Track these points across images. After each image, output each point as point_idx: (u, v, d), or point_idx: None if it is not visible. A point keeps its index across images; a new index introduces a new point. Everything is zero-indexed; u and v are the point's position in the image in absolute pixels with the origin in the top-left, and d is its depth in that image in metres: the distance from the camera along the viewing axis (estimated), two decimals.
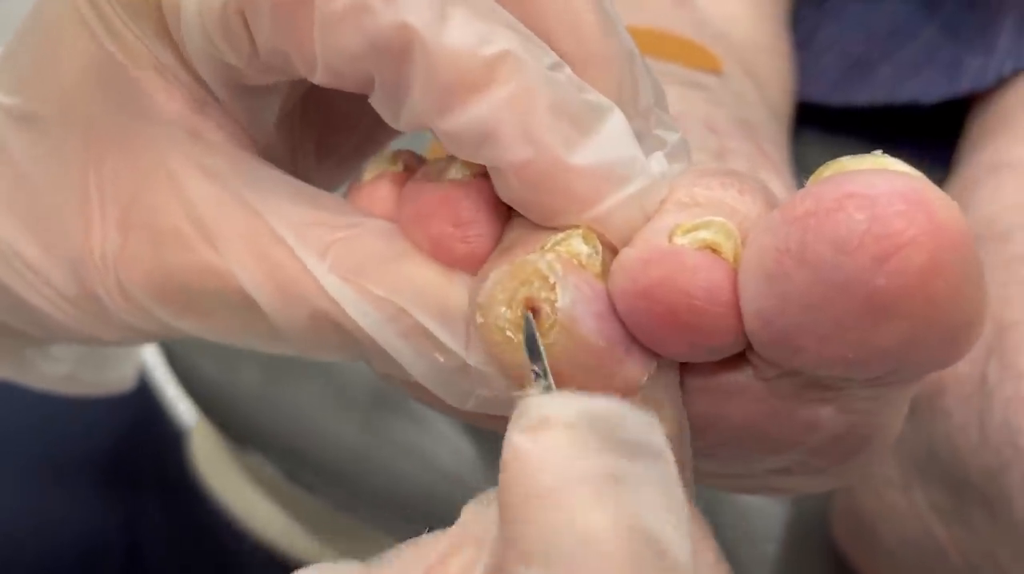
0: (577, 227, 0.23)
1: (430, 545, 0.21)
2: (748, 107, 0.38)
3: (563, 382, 0.22)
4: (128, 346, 0.33)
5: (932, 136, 0.47)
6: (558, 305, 0.22)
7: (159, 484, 0.58)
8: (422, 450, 0.46)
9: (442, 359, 0.24)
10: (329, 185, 0.29)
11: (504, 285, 0.22)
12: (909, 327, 0.20)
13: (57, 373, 0.34)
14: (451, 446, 0.46)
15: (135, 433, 0.58)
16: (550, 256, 0.22)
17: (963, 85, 0.45)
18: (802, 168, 0.40)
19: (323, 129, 0.29)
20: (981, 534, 0.34)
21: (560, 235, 0.23)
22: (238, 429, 0.49)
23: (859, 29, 0.49)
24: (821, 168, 0.21)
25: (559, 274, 0.22)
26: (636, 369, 0.22)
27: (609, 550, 0.18)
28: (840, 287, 0.20)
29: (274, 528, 0.56)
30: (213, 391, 0.49)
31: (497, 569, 0.19)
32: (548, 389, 0.21)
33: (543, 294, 0.22)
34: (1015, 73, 0.44)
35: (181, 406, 0.55)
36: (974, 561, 0.35)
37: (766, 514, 0.43)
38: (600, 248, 0.22)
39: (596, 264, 0.22)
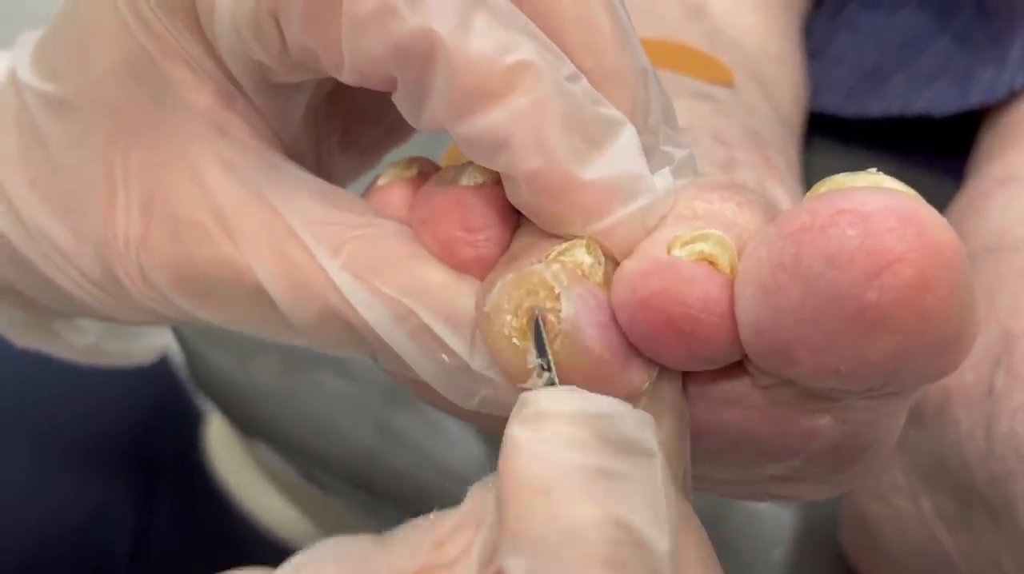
0: (581, 238, 0.23)
1: (437, 523, 0.22)
2: (758, 118, 0.38)
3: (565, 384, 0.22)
4: (149, 326, 0.34)
5: (945, 147, 0.47)
6: (562, 314, 0.22)
7: (173, 471, 0.59)
8: (433, 452, 0.47)
9: (448, 360, 0.24)
10: (351, 175, 0.30)
11: (510, 294, 0.23)
12: (899, 341, 0.20)
13: (83, 344, 0.35)
14: (461, 449, 0.47)
15: (153, 418, 0.59)
16: (555, 267, 0.23)
17: (974, 98, 0.45)
18: (815, 177, 0.40)
19: (347, 122, 0.29)
20: (986, 541, 0.34)
21: (565, 245, 0.23)
22: (252, 425, 0.50)
23: (873, 40, 0.49)
24: (817, 184, 0.22)
25: (563, 284, 0.22)
26: (638, 376, 0.23)
27: (590, 541, 0.19)
28: (832, 300, 0.20)
29: (284, 523, 0.57)
30: (228, 387, 0.50)
31: (491, 551, 0.21)
32: (551, 383, 0.22)
33: (548, 303, 0.22)
34: None
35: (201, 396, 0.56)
36: (979, 568, 0.35)
37: (774, 520, 0.43)
38: (603, 259, 0.23)
39: (598, 274, 0.23)
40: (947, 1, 0.49)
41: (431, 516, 0.22)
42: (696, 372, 0.24)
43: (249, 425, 0.50)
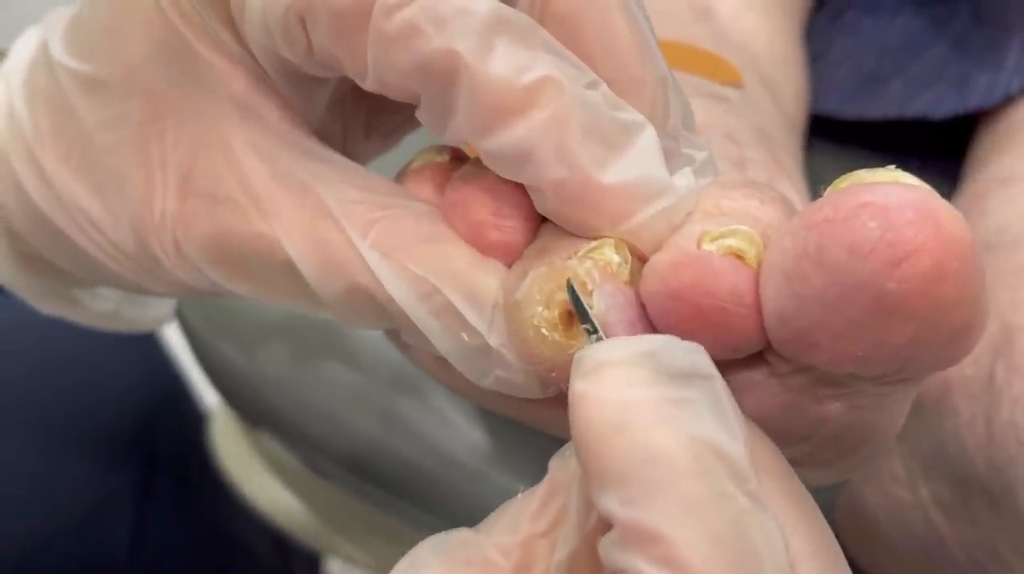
0: (609, 237, 0.24)
1: (526, 501, 0.23)
2: (765, 118, 0.39)
3: None
4: (176, 297, 0.35)
5: (939, 150, 0.48)
6: (594, 311, 0.23)
7: (174, 464, 0.59)
8: (438, 443, 0.47)
9: (467, 338, 0.25)
10: (372, 157, 0.31)
11: (542, 286, 0.24)
12: (915, 328, 0.21)
13: (102, 310, 0.36)
14: (467, 440, 0.47)
15: (155, 412, 0.59)
16: (588, 263, 0.24)
17: (971, 102, 0.46)
18: (815, 178, 0.41)
19: (372, 110, 0.30)
20: (984, 528, 0.35)
21: (593, 244, 0.24)
22: (257, 415, 0.50)
23: (872, 45, 0.50)
24: (839, 179, 0.23)
25: (596, 281, 0.23)
26: None
27: (675, 460, 0.20)
28: (853, 288, 0.21)
29: (288, 514, 0.57)
30: (234, 376, 0.50)
31: (586, 508, 0.21)
32: (600, 341, 0.23)
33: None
34: (1022, 91, 0.45)
35: (205, 388, 0.57)
36: (975, 555, 0.36)
37: None
38: (629, 258, 0.24)
39: (625, 273, 0.24)
40: (944, 8, 0.50)
41: (518, 496, 0.23)
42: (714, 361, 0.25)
43: (254, 415, 0.51)
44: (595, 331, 0.23)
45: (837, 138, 0.49)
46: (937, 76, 0.48)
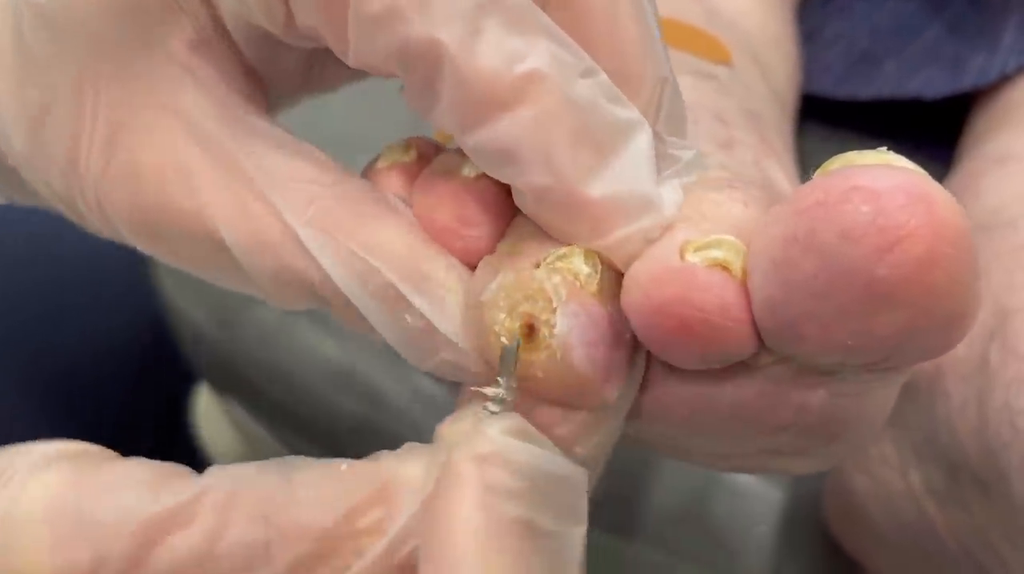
0: (580, 246, 0.23)
1: (352, 484, 0.22)
2: (755, 98, 0.39)
3: (541, 393, 0.23)
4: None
5: (932, 131, 0.48)
6: (556, 330, 0.22)
7: (158, 436, 0.59)
8: (419, 421, 0.47)
9: (410, 320, 0.24)
10: (338, 84, 0.30)
11: (508, 293, 0.23)
12: (907, 316, 0.21)
13: None
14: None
15: (142, 383, 0.59)
16: (556, 279, 0.23)
17: (966, 81, 0.46)
18: (806, 160, 0.40)
19: None
20: (975, 515, 0.35)
21: (563, 250, 0.23)
22: (234, 389, 0.50)
23: (865, 25, 0.49)
24: (828, 162, 0.22)
25: (562, 298, 0.23)
26: (611, 392, 0.23)
27: None
28: (844, 275, 0.21)
29: None
30: (213, 353, 0.49)
31: (404, 540, 0.22)
32: (502, 403, 0.23)
33: (544, 315, 0.23)
34: (1018, 70, 0.45)
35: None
36: (966, 542, 0.36)
37: (759, 496, 0.44)
38: (599, 268, 0.23)
39: (593, 284, 0.23)
40: None
41: (344, 466, 0.22)
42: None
43: (235, 393, 0.50)
44: (508, 392, 0.23)
45: (829, 120, 0.49)
46: (931, 58, 0.48)
